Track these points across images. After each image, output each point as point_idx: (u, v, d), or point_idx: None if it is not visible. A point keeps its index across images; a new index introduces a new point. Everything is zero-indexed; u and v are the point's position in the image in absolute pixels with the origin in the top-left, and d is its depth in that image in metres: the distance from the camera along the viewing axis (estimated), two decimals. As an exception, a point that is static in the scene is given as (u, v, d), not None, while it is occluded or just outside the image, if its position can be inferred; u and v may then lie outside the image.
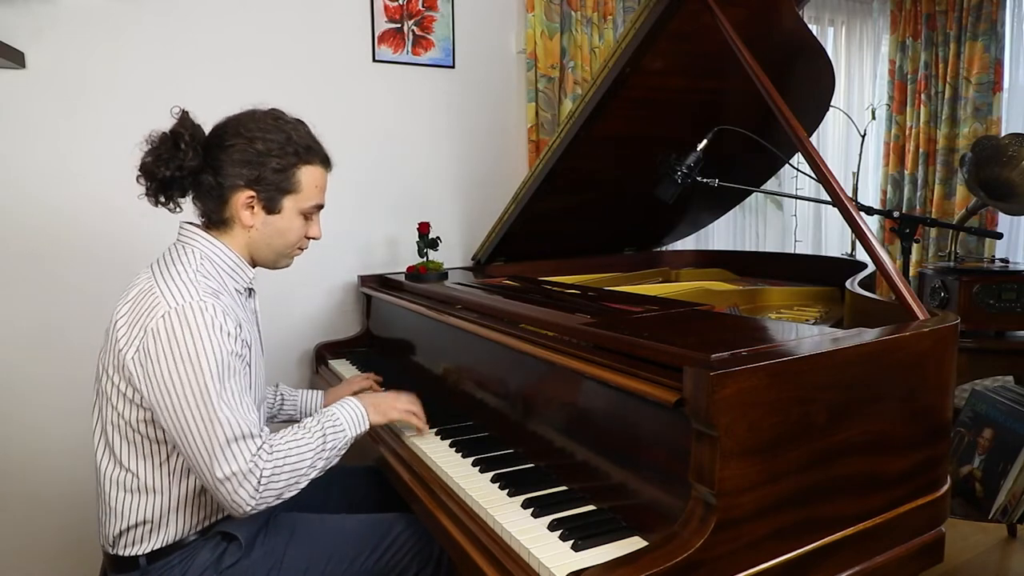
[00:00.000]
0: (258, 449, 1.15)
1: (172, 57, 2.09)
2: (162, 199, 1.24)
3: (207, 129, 1.27)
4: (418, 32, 2.46)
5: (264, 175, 1.23)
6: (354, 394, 1.67)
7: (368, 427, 1.36)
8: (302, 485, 1.22)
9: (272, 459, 1.17)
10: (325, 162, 1.33)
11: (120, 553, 1.24)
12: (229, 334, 1.15)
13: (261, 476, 1.15)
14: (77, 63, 1.97)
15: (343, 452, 1.32)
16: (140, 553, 1.22)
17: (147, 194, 1.24)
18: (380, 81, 2.43)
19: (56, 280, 2.00)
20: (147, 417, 1.18)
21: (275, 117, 1.27)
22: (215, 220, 1.27)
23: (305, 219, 1.32)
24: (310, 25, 2.29)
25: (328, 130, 2.31)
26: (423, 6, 2.46)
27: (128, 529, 1.22)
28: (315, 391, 1.71)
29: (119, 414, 1.19)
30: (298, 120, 1.32)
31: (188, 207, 1.29)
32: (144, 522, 1.21)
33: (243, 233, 1.27)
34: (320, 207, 1.34)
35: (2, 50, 1.78)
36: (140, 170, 1.22)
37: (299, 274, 2.35)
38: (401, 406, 1.43)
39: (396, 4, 2.41)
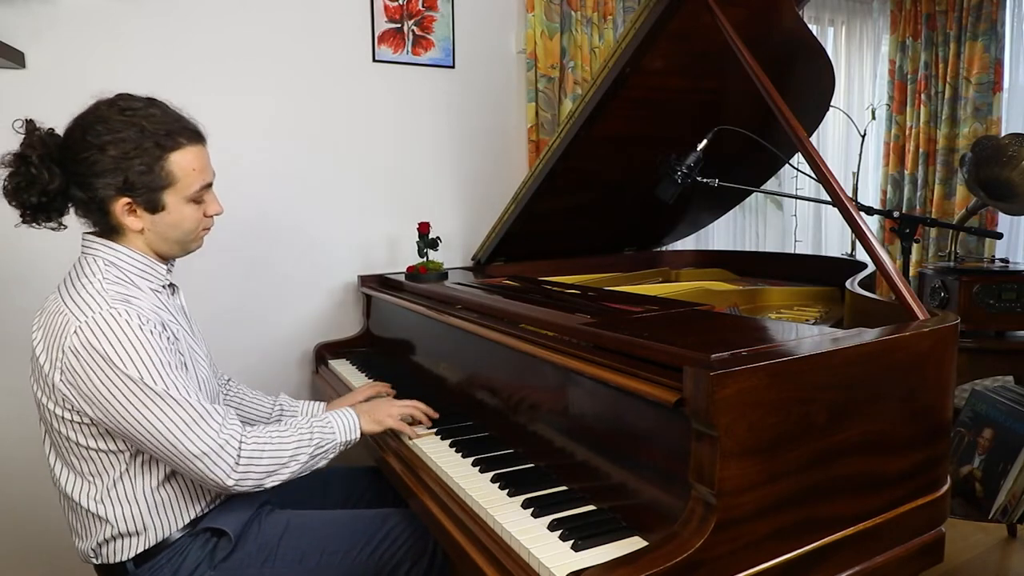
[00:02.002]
0: (222, 425, 1.16)
1: (172, 57, 2.09)
2: (42, 219, 1.19)
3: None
4: (418, 32, 2.46)
5: (131, 179, 1.14)
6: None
7: (359, 435, 1.37)
8: (283, 476, 1.23)
9: (252, 440, 1.19)
10: (195, 138, 1.22)
11: (106, 562, 1.23)
12: (152, 331, 1.12)
13: (241, 453, 1.17)
14: (77, 63, 1.97)
15: (331, 456, 1.32)
16: (125, 559, 1.22)
17: (23, 220, 1.18)
18: (380, 81, 2.43)
19: (54, 279, 1.99)
20: (95, 432, 1.15)
21: (121, 110, 1.15)
22: (105, 228, 1.21)
23: (196, 203, 1.23)
24: (310, 25, 2.29)
25: (328, 130, 2.36)
26: (423, 6, 2.46)
27: (107, 541, 1.21)
28: (317, 403, 1.67)
29: (65, 437, 1.17)
30: (149, 101, 1.19)
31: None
32: (122, 533, 1.20)
33: (137, 235, 1.21)
34: (208, 185, 1.25)
35: (2, 50, 1.77)
36: (5, 196, 1.16)
37: (299, 274, 2.37)
38: (396, 412, 1.44)
39: (396, 4, 2.41)
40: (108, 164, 1.13)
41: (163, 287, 1.27)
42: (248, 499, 1.32)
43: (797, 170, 2.09)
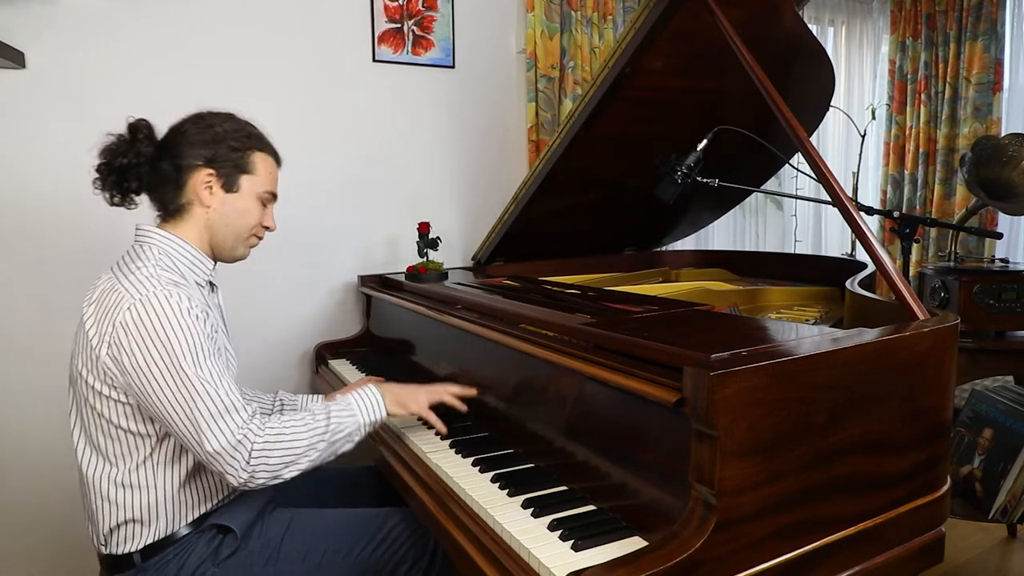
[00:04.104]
0: (244, 423, 1.16)
1: (172, 57, 2.09)
2: (116, 196, 1.28)
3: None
4: (418, 32, 2.46)
5: (220, 153, 1.28)
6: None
7: (385, 414, 1.34)
8: (302, 466, 1.21)
9: (264, 435, 1.18)
10: (275, 156, 1.39)
11: (113, 551, 1.24)
12: (196, 317, 1.17)
13: (252, 450, 1.16)
14: (77, 63, 1.97)
15: (356, 439, 1.30)
16: (133, 550, 1.23)
17: (103, 188, 1.27)
18: (380, 81, 2.43)
19: (55, 281, 1.99)
20: (128, 412, 1.19)
21: (229, 113, 1.34)
22: (172, 209, 1.29)
23: (262, 206, 1.35)
24: (310, 25, 2.29)
25: (328, 130, 2.36)
26: (423, 6, 2.46)
27: (119, 526, 1.23)
28: (316, 395, 1.70)
29: (99, 414, 1.20)
30: (249, 121, 1.38)
31: (144, 212, 1.34)
32: (134, 519, 1.22)
33: (202, 216, 1.29)
34: (274, 196, 1.38)
35: (2, 50, 1.78)
36: (98, 162, 1.26)
37: (299, 274, 2.37)
38: (423, 399, 1.39)
39: (396, 4, 2.41)
40: (208, 136, 1.28)
41: (206, 283, 1.34)
42: (255, 497, 1.33)
43: (797, 170, 2.09)
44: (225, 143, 1.29)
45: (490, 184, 2.63)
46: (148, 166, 1.27)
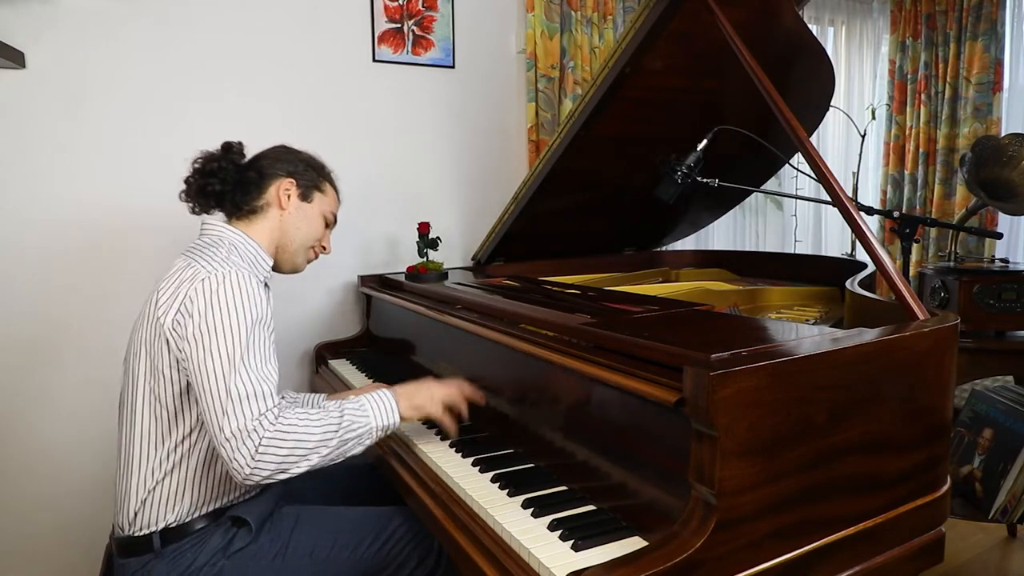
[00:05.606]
0: (266, 410, 1.17)
1: (172, 57, 2.09)
2: (199, 202, 1.40)
3: None
4: (418, 32, 2.46)
5: (300, 170, 1.46)
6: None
7: (399, 419, 1.30)
8: (312, 461, 1.19)
9: (276, 426, 1.17)
10: (338, 193, 1.57)
11: (135, 533, 1.27)
12: (260, 301, 1.25)
13: (261, 440, 1.15)
14: (77, 63, 1.97)
15: (366, 442, 1.27)
16: (155, 530, 1.26)
17: (187, 194, 1.40)
18: (380, 81, 2.43)
19: (55, 280, 1.99)
20: (174, 391, 1.24)
21: (307, 151, 1.54)
22: (246, 210, 1.41)
23: (325, 225, 1.51)
24: (310, 25, 2.29)
25: (328, 130, 2.36)
26: (423, 6, 2.46)
27: (144, 502, 1.26)
28: (319, 395, 1.72)
29: (149, 388, 1.26)
30: None
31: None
32: (160, 493, 1.26)
33: (276, 217, 1.42)
34: (335, 220, 1.54)
35: (2, 50, 1.78)
36: (193, 164, 1.40)
37: (300, 274, 2.36)
38: (439, 395, 1.37)
39: (396, 4, 2.41)
40: (290, 158, 1.47)
41: (263, 280, 1.40)
42: (271, 492, 1.37)
43: (797, 170, 2.09)
44: (305, 165, 1.48)
45: (490, 184, 2.63)
46: (235, 171, 1.40)
